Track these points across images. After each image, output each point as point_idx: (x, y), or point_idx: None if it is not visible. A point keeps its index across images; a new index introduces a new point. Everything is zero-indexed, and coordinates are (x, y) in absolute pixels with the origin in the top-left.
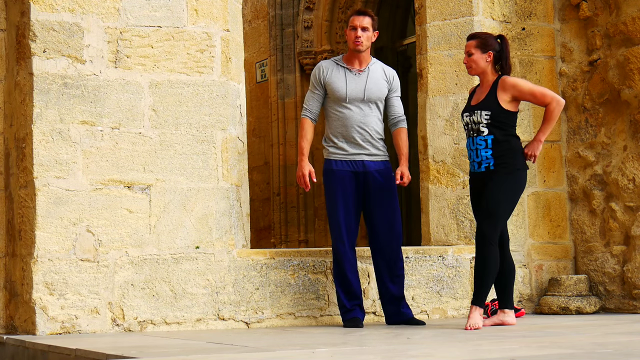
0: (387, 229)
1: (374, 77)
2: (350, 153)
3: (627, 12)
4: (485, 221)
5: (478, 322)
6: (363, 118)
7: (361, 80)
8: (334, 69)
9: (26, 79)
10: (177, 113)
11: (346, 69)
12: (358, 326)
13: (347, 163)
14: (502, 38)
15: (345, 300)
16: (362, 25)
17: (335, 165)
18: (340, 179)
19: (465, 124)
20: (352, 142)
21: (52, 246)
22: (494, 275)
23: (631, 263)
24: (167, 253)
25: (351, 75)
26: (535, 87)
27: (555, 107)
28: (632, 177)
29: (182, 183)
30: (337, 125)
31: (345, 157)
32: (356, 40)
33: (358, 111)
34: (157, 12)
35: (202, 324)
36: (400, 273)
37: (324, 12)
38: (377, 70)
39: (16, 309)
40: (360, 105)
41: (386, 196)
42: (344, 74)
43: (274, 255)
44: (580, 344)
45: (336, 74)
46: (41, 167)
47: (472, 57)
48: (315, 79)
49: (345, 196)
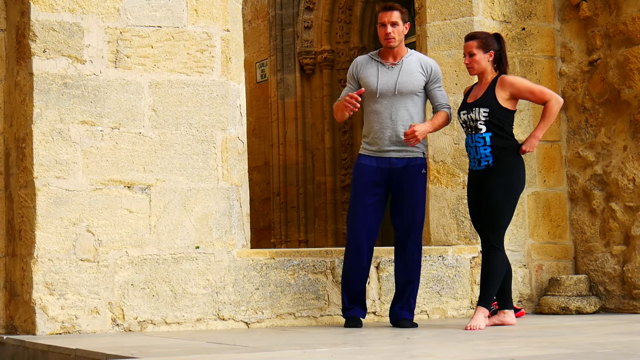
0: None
1: (408, 69)
2: (380, 149)
3: (627, 12)
4: (488, 225)
5: (481, 323)
6: (395, 113)
7: (394, 73)
8: (367, 64)
9: (26, 79)
10: (177, 113)
11: (379, 62)
12: (357, 326)
13: (375, 159)
14: (499, 37)
15: (345, 297)
16: (392, 20)
17: (363, 160)
18: (365, 174)
19: (463, 122)
20: (382, 137)
21: (52, 246)
22: (500, 278)
23: (631, 263)
24: (167, 253)
25: (384, 69)
26: (534, 85)
27: (554, 104)
28: (632, 177)
29: (182, 183)
30: (371, 119)
31: (375, 153)
32: (387, 37)
33: (389, 105)
34: (157, 12)
35: (202, 324)
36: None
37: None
38: (413, 62)
39: (16, 309)
40: (392, 99)
41: (409, 195)
42: (377, 67)
43: (274, 255)
44: (580, 344)
45: (369, 68)
46: (41, 167)
47: (474, 58)
48: (350, 74)
49: (365, 192)
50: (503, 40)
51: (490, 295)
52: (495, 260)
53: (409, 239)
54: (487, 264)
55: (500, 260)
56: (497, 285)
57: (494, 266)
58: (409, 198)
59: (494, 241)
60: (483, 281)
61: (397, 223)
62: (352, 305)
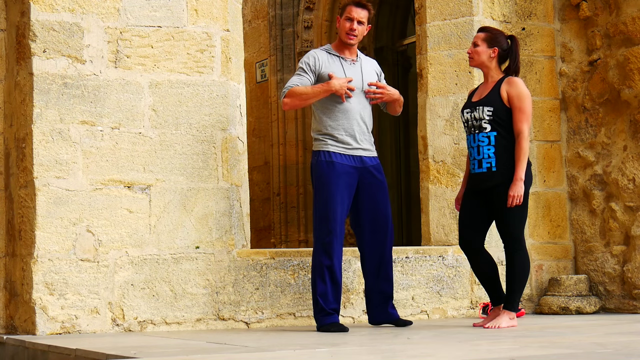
0: (384, 226)
1: (367, 68)
2: (352, 147)
3: (627, 12)
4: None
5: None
6: (362, 110)
7: (356, 70)
8: (328, 59)
9: (26, 79)
10: (177, 113)
11: (341, 58)
12: (345, 330)
13: (347, 157)
14: (513, 38)
15: (333, 299)
16: (359, 18)
17: (336, 158)
18: (342, 174)
19: (466, 121)
20: (352, 135)
21: (52, 246)
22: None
23: (631, 263)
24: (167, 253)
25: (347, 65)
26: (526, 109)
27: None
28: (632, 177)
29: (182, 183)
30: (339, 116)
31: (347, 151)
32: (350, 34)
33: (357, 102)
34: (157, 12)
35: (202, 324)
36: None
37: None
38: (367, 61)
39: (16, 309)
40: (360, 96)
41: (382, 193)
42: (340, 63)
43: (274, 255)
44: (580, 344)
45: (332, 63)
46: (41, 167)
47: (476, 49)
48: (308, 65)
49: (342, 192)
50: (517, 42)
51: (516, 298)
52: (519, 261)
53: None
54: (510, 267)
55: (523, 261)
56: (523, 287)
57: (517, 268)
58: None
59: (516, 244)
60: (507, 284)
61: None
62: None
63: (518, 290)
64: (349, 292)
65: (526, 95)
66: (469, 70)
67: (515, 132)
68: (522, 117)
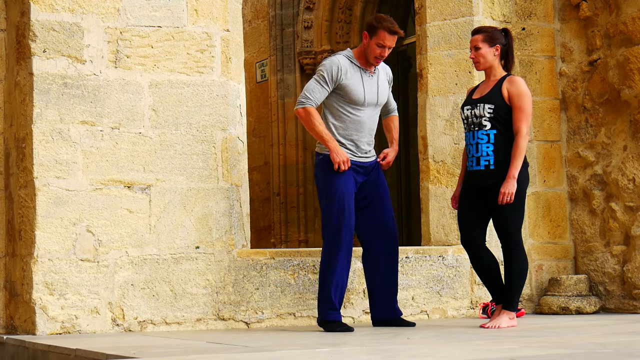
0: (391, 224)
1: (382, 79)
2: (356, 155)
3: (627, 12)
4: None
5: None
6: (372, 123)
7: (373, 83)
8: (350, 68)
9: (26, 79)
10: (177, 113)
11: (361, 69)
12: (350, 330)
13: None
14: (507, 32)
15: (336, 301)
16: (391, 45)
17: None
18: (348, 177)
19: (465, 118)
20: (359, 145)
21: (52, 246)
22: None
23: (631, 263)
24: (167, 253)
25: (366, 77)
26: (527, 108)
27: (522, 141)
28: (632, 177)
29: (182, 183)
30: (350, 127)
31: (351, 157)
32: (378, 59)
33: (370, 114)
34: (157, 12)
35: (202, 324)
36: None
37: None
38: (381, 70)
39: (16, 309)
40: (373, 110)
41: (385, 192)
42: (360, 75)
43: (274, 255)
44: (580, 344)
45: (354, 74)
46: (41, 167)
47: (479, 52)
48: (331, 76)
49: (349, 194)
50: (511, 35)
51: (515, 297)
52: (517, 260)
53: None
54: (508, 267)
55: (521, 260)
56: (522, 286)
57: (515, 267)
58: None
59: (513, 244)
60: (506, 284)
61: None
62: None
63: (517, 290)
64: (349, 292)
65: (526, 94)
66: (469, 70)
67: (514, 130)
68: (522, 116)
